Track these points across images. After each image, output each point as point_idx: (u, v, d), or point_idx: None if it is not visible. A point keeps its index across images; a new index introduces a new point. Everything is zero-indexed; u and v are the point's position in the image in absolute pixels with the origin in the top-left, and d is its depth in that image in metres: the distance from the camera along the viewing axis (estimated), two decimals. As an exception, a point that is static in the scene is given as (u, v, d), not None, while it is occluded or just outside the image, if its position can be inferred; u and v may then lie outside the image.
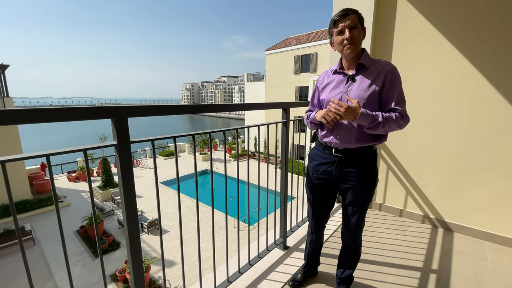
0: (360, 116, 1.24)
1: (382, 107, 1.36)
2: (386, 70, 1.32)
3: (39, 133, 58.29)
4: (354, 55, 1.34)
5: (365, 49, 1.38)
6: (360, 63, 1.35)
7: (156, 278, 7.30)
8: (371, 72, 1.34)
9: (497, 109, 2.19)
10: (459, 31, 2.28)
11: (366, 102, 1.31)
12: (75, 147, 0.95)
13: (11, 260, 8.11)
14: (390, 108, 1.33)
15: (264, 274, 1.93)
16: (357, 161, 1.41)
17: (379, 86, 1.31)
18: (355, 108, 1.23)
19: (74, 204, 12.24)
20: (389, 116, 1.28)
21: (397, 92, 1.32)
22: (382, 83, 1.31)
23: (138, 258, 1.18)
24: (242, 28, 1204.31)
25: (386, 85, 1.31)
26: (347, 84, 1.38)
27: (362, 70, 1.36)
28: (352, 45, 1.29)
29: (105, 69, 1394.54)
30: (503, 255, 2.20)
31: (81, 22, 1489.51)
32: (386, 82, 1.31)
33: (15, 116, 0.81)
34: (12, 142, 11.10)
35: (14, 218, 0.85)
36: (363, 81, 1.34)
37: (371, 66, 1.35)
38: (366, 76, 1.34)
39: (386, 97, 1.33)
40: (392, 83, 1.31)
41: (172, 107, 1.24)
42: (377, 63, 1.36)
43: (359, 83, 1.34)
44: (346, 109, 1.22)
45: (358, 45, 1.31)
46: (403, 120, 1.31)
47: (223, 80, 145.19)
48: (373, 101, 1.33)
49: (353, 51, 1.31)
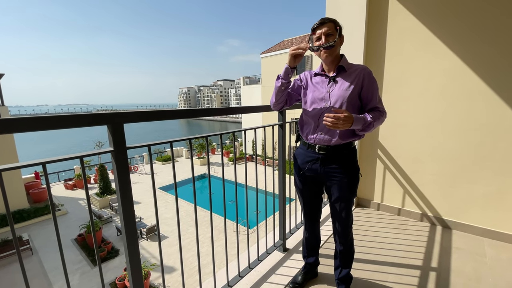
0: (355, 121, 1.31)
1: (364, 107, 1.48)
2: (363, 74, 1.43)
3: (35, 141, 57.87)
4: (331, 59, 1.45)
5: (343, 55, 1.49)
6: (341, 65, 1.46)
7: (157, 285, 7.23)
8: (350, 74, 1.45)
9: (491, 107, 2.22)
10: (452, 30, 2.31)
11: (347, 101, 1.42)
12: (71, 155, 0.94)
13: (9, 271, 7.99)
14: (371, 107, 1.46)
15: (265, 277, 1.92)
16: (340, 157, 1.50)
17: (358, 87, 1.43)
18: (350, 116, 1.29)
19: (72, 212, 12.12)
20: (374, 115, 1.40)
21: (376, 92, 1.45)
22: (361, 85, 1.43)
23: (136, 265, 1.17)
24: (235, 32, 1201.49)
25: (365, 87, 1.43)
26: (329, 84, 1.48)
27: (342, 72, 1.47)
28: (328, 50, 1.40)
29: (101, 76, 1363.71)
30: (502, 251, 2.21)
31: (76, 29, 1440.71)
32: (364, 84, 1.43)
33: (10, 125, 0.81)
34: (8, 151, 11.01)
35: (11, 228, 0.85)
36: (343, 82, 1.45)
37: (350, 69, 1.46)
38: (346, 77, 1.45)
39: (366, 98, 1.46)
40: (370, 84, 1.44)
41: (169, 112, 1.25)
42: (354, 67, 1.47)
43: (340, 83, 1.45)
44: (343, 118, 1.27)
45: (334, 50, 1.41)
46: (383, 116, 1.45)
47: (219, 83, 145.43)
48: (353, 100, 1.43)
49: (330, 56, 1.43)
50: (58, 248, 0.96)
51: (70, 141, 57.60)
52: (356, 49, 2.73)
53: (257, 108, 1.93)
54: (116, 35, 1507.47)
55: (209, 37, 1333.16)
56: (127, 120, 1.06)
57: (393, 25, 2.59)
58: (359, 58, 2.72)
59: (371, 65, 2.74)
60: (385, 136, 2.83)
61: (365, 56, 2.75)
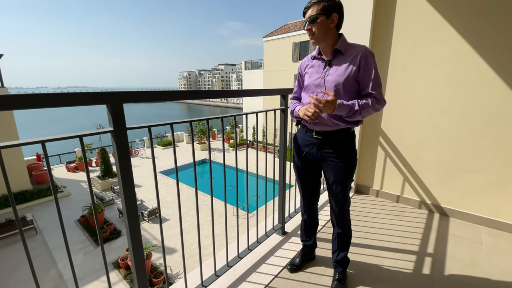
0: (337, 107, 1.30)
1: (360, 91, 1.43)
2: (360, 55, 1.36)
3: (36, 126, 57.94)
4: (325, 44, 1.41)
5: (342, 34, 1.43)
6: (337, 49, 1.40)
7: (158, 265, 7.44)
8: (347, 56, 1.39)
9: (497, 95, 2.18)
10: (461, 14, 2.23)
11: (342, 86, 1.38)
12: (71, 134, 0.93)
13: (15, 249, 8.23)
14: (366, 93, 1.40)
15: (263, 259, 1.97)
16: (335, 143, 1.50)
17: (355, 71, 1.37)
18: (333, 101, 1.28)
19: (74, 194, 12.30)
20: (365, 103, 1.34)
21: (373, 77, 1.37)
22: (357, 68, 1.36)
23: (138, 246, 1.19)
24: (236, 13, 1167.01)
25: (361, 69, 1.37)
26: (324, 69, 1.45)
27: (338, 55, 1.42)
28: (312, 36, 1.38)
29: (102, 58, 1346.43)
30: (499, 240, 2.24)
31: (76, 8, 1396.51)
32: (361, 66, 1.36)
33: (10, 102, 0.79)
34: (9, 134, 11.05)
35: (13, 207, 0.85)
36: (339, 66, 1.40)
37: (348, 51, 1.40)
38: (342, 61, 1.40)
39: (362, 82, 1.39)
40: (366, 67, 1.36)
41: (168, 93, 1.23)
42: (353, 48, 1.40)
43: (335, 68, 1.41)
44: (324, 103, 1.28)
45: (319, 36, 1.36)
46: (379, 104, 1.38)
47: (221, 68, 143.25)
48: (349, 85, 1.39)
49: (316, 42, 1.40)
50: (70, 226, 0.97)
51: (70, 125, 57.79)
52: (362, 31, 2.64)
53: (259, 91, 1.91)
54: (117, 17, 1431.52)
55: (209, 18, 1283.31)
56: (127, 99, 1.04)
57: (402, 8, 2.49)
58: (365, 41, 2.64)
59: (377, 49, 2.67)
60: (388, 123, 2.80)
61: (371, 38, 2.67)
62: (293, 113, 1.64)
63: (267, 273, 1.83)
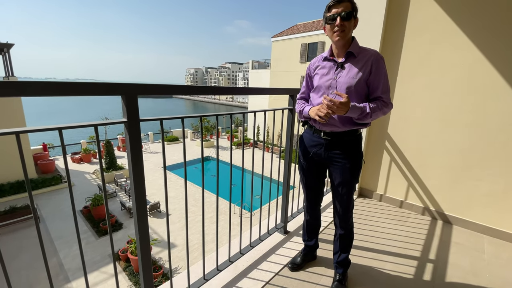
0: (350, 109, 1.31)
1: (369, 94, 1.45)
2: (372, 59, 1.38)
3: (44, 118, 58.66)
4: (343, 43, 1.41)
5: (354, 38, 1.45)
6: (350, 51, 1.42)
7: (157, 259, 7.50)
8: (359, 60, 1.41)
9: (507, 105, 2.16)
10: (473, 22, 2.22)
11: (354, 89, 1.40)
12: (86, 122, 0.96)
13: (16, 237, 8.35)
14: (375, 96, 1.42)
15: (265, 256, 1.98)
16: (343, 144, 1.51)
17: (366, 74, 1.39)
18: (346, 103, 1.29)
19: (78, 185, 12.44)
20: (375, 106, 1.37)
21: (383, 81, 1.40)
22: (369, 71, 1.39)
23: (145, 233, 1.22)
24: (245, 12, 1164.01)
25: (372, 73, 1.39)
26: (336, 71, 1.46)
27: (351, 58, 1.43)
28: (341, 33, 1.36)
29: (110, 52, 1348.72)
30: (501, 249, 2.23)
31: (85, 2, 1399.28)
32: (372, 70, 1.39)
33: (26, 88, 0.82)
34: (18, 124, 11.21)
35: (29, 193, 0.88)
36: (351, 68, 1.41)
37: (360, 54, 1.42)
38: (355, 64, 1.41)
39: (372, 86, 1.42)
40: (377, 72, 1.39)
41: (181, 87, 1.25)
42: (365, 51, 1.42)
43: (348, 70, 1.42)
44: (338, 105, 1.28)
45: (347, 33, 1.37)
46: (387, 107, 1.41)
47: (227, 66, 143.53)
48: (360, 88, 1.40)
49: (342, 39, 1.38)
50: (72, 216, 1.00)
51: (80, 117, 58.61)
52: (373, 35, 2.64)
53: (268, 90, 1.92)
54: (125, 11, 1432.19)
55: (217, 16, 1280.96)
56: (141, 92, 1.07)
57: (414, 14, 2.48)
58: (375, 45, 2.64)
59: (387, 53, 2.66)
60: (395, 128, 2.79)
61: (382, 43, 2.66)
62: (300, 113, 1.65)
63: (268, 270, 1.85)
